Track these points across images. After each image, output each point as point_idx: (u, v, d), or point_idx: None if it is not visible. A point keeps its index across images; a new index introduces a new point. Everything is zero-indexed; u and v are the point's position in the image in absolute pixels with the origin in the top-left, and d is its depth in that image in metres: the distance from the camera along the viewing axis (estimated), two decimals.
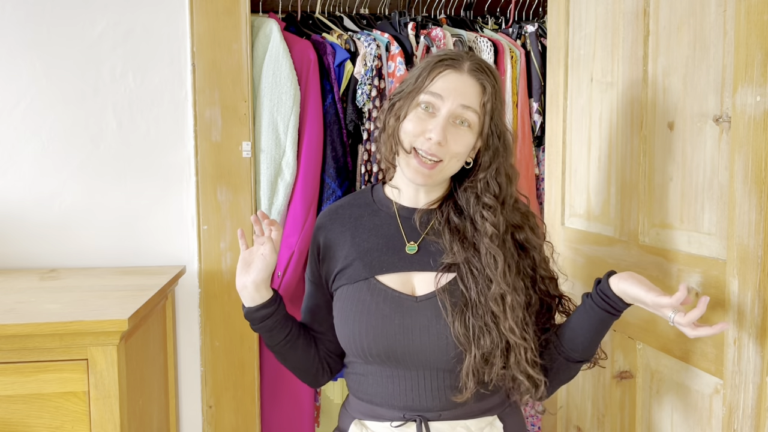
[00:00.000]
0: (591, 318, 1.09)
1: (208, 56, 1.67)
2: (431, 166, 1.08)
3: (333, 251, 1.19)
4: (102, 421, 1.17)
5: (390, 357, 1.10)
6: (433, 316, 1.09)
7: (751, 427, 1.01)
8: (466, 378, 1.07)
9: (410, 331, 1.09)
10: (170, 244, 1.72)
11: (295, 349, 1.20)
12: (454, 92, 1.08)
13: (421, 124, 1.08)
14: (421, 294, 1.12)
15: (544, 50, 1.91)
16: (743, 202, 1.01)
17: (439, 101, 1.08)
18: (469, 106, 1.08)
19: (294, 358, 1.22)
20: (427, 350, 1.09)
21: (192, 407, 1.75)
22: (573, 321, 1.13)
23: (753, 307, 1.00)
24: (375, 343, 1.10)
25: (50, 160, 1.67)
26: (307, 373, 1.24)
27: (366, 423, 1.15)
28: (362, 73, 1.80)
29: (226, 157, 1.69)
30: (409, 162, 1.10)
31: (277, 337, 1.17)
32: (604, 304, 1.07)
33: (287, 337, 1.17)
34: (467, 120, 1.09)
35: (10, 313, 1.20)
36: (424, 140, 1.07)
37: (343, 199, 1.26)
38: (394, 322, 1.09)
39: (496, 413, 1.16)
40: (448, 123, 1.07)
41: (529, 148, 1.95)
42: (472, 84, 1.09)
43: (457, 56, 1.11)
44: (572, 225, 1.62)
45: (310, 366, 1.23)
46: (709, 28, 1.12)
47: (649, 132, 1.29)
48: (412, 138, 1.09)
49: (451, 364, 1.09)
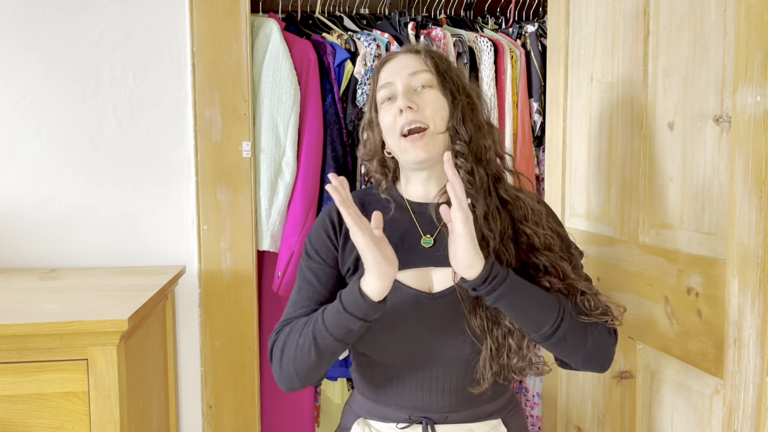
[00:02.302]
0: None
1: (208, 56, 1.67)
2: (421, 135, 1.09)
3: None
4: (102, 421, 1.17)
5: (405, 356, 1.10)
6: (450, 314, 1.08)
7: (751, 427, 1.01)
8: (483, 369, 1.06)
9: (427, 330, 1.08)
10: (170, 244, 1.72)
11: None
12: (398, 70, 1.13)
13: (391, 110, 1.11)
14: (437, 290, 1.10)
15: (544, 50, 1.91)
16: (743, 202, 1.01)
17: (391, 87, 1.12)
18: (416, 70, 1.12)
19: (334, 359, 1.12)
20: (444, 349, 1.08)
21: (192, 407, 1.75)
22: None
23: (753, 307, 0.99)
24: (392, 341, 1.09)
25: (50, 160, 1.67)
26: (322, 373, 1.13)
27: (370, 422, 1.15)
28: (362, 73, 1.80)
29: (226, 157, 1.69)
30: (403, 147, 1.10)
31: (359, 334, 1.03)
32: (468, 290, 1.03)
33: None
34: (423, 83, 1.12)
35: (10, 313, 1.19)
36: (400, 119, 1.09)
37: (353, 193, 1.21)
38: (412, 320, 1.08)
39: (501, 416, 1.15)
40: (409, 93, 1.11)
41: (529, 148, 1.95)
42: (410, 56, 1.14)
43: (391, 52, 1.20)
44: (572, 225, 1.62)
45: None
46: (709, 28, 1.12)
47: (649, 132, 1.29)
48: (391, 128, 1.11)
49: (468, 360, 1.08)
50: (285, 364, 1.07)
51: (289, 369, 1.07)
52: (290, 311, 1.13)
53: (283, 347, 1.08)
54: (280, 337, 1.10)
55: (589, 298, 1.05)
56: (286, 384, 1.09)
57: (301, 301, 1.13)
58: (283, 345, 1.08)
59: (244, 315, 1.73)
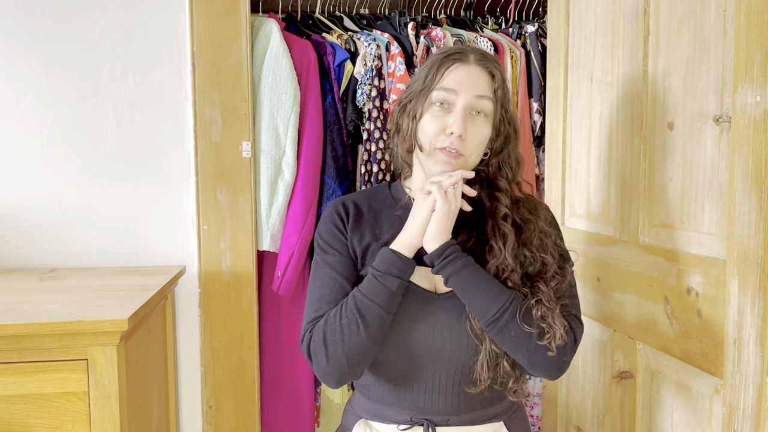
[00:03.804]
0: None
1: (208, 56, 1.67)
2: (456, 156, 1.09)
3: (359, 229, 1.15)
4: (102, 421, 1.17)
5: (407, 353, 1.10)
6: (455, 314, 1.09)
7: (751, 427, 1.01)
8: (480, 370, 1.07)
9: (432, 329, 1.09)
10: (170, 244, 1.72)
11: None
12: (466, 84, 1.09)
13: (440, 121, 1.09)
14: (443, 290, 1.11)
15: (544, 50, 1.91)
16: (743, 202, 1.01)
17: (453, 96, 1.09)
18: (483, 95, 1.09)
19: (382, 334, 1.09)
20: (448, 349, 1.09)
21: (192, 407, 1.75)
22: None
23: (753, 307, 0.99)
24: (396, 340, 1.09)
25: (50, 160, 1.67)
26: (373, 353, 1.10)
27: (371, 423, 1.15)
28: (362, 73, 1.80)
29: (226, 157, 1.69)
30: (435, 156, 1.10)
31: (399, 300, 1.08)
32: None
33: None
34: (483, 110, 1.10)
35: (10, 313, 1.19)
36: (444, 137, 1.08)
37: (358, 193, 1.23)
38: (416, 317, 1.09)
39: (503, 419, 1.15)
40: (466, 115, 1.08)
41: (529, 148, 1.95)
42: (481, 74, 1.10)
43: (462, 50, 1.13)
44: (572, 225, 1.62)
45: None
46: (709, 28, 1.12)
47: (649, 132, 1.29)
48: (432, 138, 1.09)
49: (468, 363, 1.09)
50: (332, 353, 1.05)
51: (338, 355, 1.05)
52: (315, 307, 1.12)
53: (325, 338, 1.06)
54: (316, 333, 1.07)
55: (541, 309, 1.05)
56: (335, 374, 1.07)
57: (327, 295, 1.12)
58: (324, 336, 1.06)
59: (244, 315, 1.73)
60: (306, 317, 1.13)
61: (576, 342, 1.08)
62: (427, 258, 1.07)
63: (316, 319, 1.10)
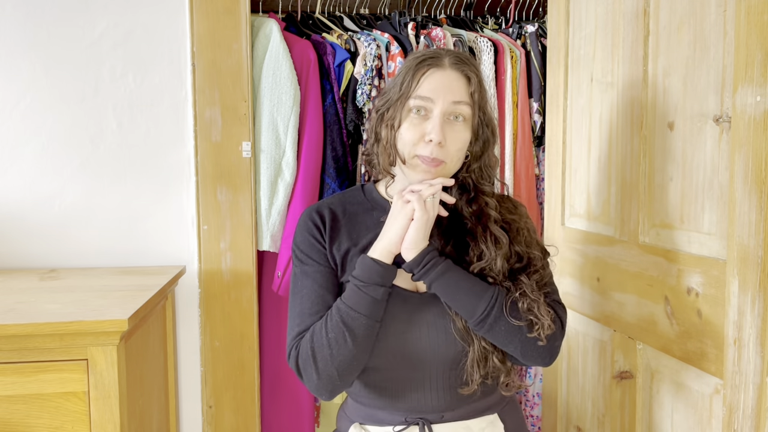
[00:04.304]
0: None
1: (208, 56, 1.67)
2: (436, 164, 1.08)
3: (337, 237, 1.15)
4: (102, 421, 1.17)
5: (397, 355, 1.10)
6: (439, 310, 1.09)
7: (751, 427, 1.01)
8: (471, 370, 1.08)
9: (417, 328, 1.09)
10: (170, 244, 1.72)
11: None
12: (443, 90, 1.08)
13: (418, 129, 1.08)
14: (423, 289, 1.12)
15: (544, 50, 1.91)
16: (743, 202, 1.01)
17: (429, 103, 1.07)
18: (460, 100, 1.08)
19: (370, 343, 1.09)
20: (435, 346, 1.09)
21: (192, 407, 1.75)
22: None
23: (753, 307, 1.00)
24: (383, 343, 1.09)
25: (50, 160, 1.67)
26: (362, 363, 1.10)
27: (366, 427, 1.15)
28: (362, 73, 1.80)
29: (226, 157, 1.69)
30: (414, 164, 1.09)
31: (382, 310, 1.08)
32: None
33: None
34: (461, 114, 1.09)
35: (10, 313, 1.19)
36: (424, 145, 1.07)
37: (330, 198, 1.22)
38: (401, 319, 1.09)
39: (496, 411, 1.16)
40: (444, 121, 1.07)
41: (529, 148, 1.96)
42: (457, 77, 1.09)
43: (436, 54, 1.11)
44: (572, 225, 1.62)
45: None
46: (709, 28, 1.12)
47: (649, 132, 1.29)
48: (410, 147, 1.08)
49: (457, 359, 1.09)
50: (322, 367, 1.04)
51: (328, 369, 1.04)
52: (298, 321, 1.10)
53: (313, 353, 1.05)
54: (303, 349, 1.07)
55: (527, 302, 1.07)
56: (327, 388, 1.06)
57: (309, 308, 1.10)
58: (312, 351, 1.05)
59: (244, 315, 1.73)
60: (290, 332, 1.11)
61: (563, 327, 1.12)
62: (405, 267, 1.07)
63: (300, 334, 1.09)
